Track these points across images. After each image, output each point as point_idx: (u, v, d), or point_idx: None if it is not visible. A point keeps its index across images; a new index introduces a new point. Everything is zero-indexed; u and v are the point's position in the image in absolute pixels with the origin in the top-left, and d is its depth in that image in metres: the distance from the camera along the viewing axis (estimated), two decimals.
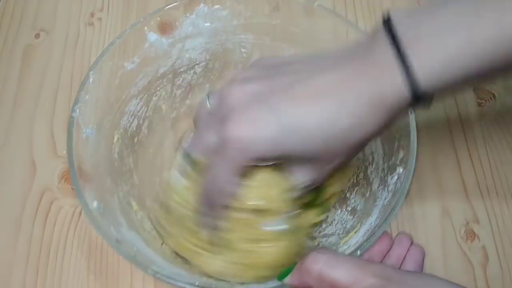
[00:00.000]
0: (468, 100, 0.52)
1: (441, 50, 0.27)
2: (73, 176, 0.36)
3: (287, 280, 0.32)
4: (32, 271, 0.43)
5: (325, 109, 0.29)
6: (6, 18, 0.57)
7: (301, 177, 0.33)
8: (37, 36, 0.56)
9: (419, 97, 0.28)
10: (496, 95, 0.52)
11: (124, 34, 0.42)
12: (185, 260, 0.39)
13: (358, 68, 0.29)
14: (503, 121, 0.51)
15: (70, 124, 0.38)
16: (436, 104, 0.50)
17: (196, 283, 0.33)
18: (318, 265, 0.30)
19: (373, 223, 0.37)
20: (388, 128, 0.31)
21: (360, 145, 0.31)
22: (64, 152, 0.49)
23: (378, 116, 0.29)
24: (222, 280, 0.38)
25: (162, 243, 0.40)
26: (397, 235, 0.37)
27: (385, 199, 0.38)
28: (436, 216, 0.46)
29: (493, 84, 0.53)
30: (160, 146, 0.47)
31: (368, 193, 0.41)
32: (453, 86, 0.28)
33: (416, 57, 0.27)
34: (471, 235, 0.45)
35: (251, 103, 0.30)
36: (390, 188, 0.38)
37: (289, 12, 0.46)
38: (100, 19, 0.58)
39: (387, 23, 0.28)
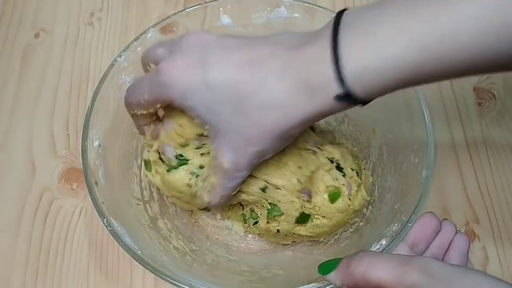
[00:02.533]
0: (468, 100, 0.52)
1: (372, 46, 0.26)
2: (92, 197, 0.36)
3: (331, 277, 0.32)
4: (32, 270, 0.43)
5: (243, 75, 0.29)
6: (6, 18, 0.58)
7: (222, 154, 0.32)
8: (37, 36, 0.56)
9: (347, 90, 0.27)
10: (496, 95, 0.52)
11: (123, 53, 0.41)
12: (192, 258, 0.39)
13: (297, 53, 0.28)
14: (503, 121, 0.51)
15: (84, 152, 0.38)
16: (436, 104, 0.51)
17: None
18: (361, 268, 0.30)
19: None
20: (318, 119, 0.30)
21: (281, 130, 0.30)
22: (63, 152, 0.49)
23: (302, 102, 0.28)
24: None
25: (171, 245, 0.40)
26: (441, 221, 0.36)
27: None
28: None
29: (493, 84, 0.53)
30: None
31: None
32: (389, 82, 0.27)
33: (348, 49, 0.26)
34: (471, 235, 0.45)
35: (195, 52, 0.31)
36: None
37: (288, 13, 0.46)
38: (99, 19, 0.58)
39: (338, 17, 0.28)
